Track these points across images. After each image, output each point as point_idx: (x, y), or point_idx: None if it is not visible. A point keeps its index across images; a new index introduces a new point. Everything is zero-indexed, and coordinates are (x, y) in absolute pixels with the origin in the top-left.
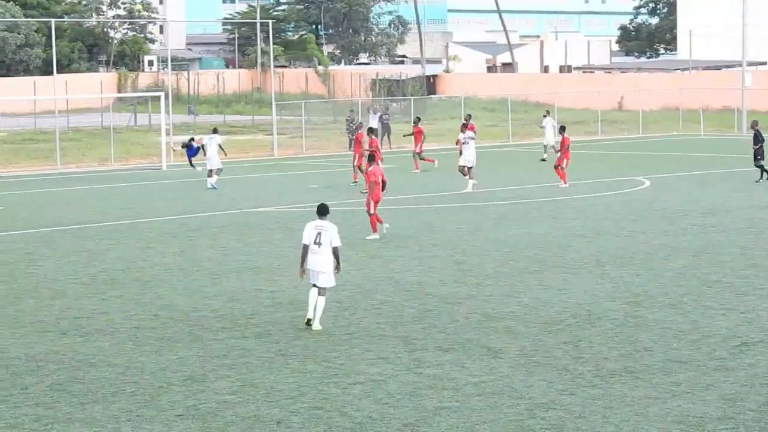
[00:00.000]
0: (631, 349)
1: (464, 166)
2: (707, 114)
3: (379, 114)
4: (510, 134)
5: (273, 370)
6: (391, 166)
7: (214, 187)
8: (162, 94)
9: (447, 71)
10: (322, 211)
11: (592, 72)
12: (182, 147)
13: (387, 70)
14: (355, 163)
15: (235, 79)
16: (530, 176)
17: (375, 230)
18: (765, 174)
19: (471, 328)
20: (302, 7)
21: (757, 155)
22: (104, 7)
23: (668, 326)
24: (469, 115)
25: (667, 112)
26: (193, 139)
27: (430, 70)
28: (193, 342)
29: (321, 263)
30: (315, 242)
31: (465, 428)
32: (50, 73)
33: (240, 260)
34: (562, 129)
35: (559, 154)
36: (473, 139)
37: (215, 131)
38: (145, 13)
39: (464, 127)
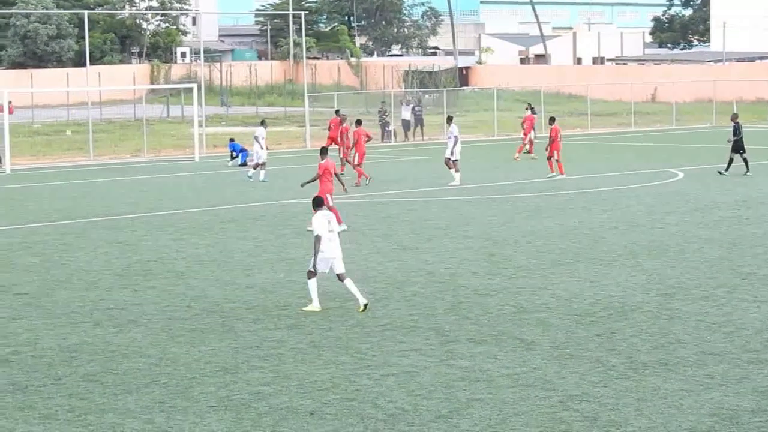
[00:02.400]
0: (665, 341)
1: (450, 159)
2: (741, 105)
3: (411, 106)
4: (543, 126)
5: (306, 361)
6: (424, 158)
7: (263, 180)
8: (195, 85)
9: (479, 63)
10: (320, 202)
11: (625, 64)
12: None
13: (419, 62)
14: (342, 156)
15: (268, 71)
16: (565, 168)
17: (340, 221)
18: (734, 165)
19: (504, 320)
20: None
21: (740, 148)
22: None
23: (702, 318)
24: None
25: (700, 103)
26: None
27: (463, 61)
28: (226, 333)
29: (337, 249)
30: (329, 230)
31: (498, 420)
32: (83, 64)
33: (272, 252)
34: (552, 120)
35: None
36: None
37: (263, 124)
38: (178, 5)
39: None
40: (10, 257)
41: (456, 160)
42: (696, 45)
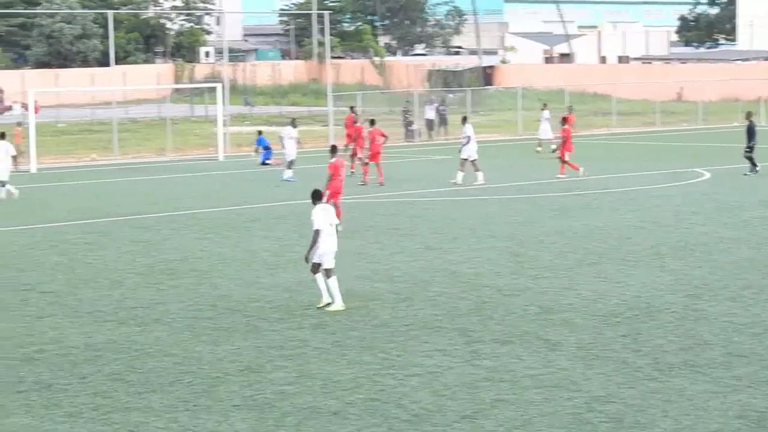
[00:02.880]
0: (691, 342)
1: (469, 159)
2: None
3: (435, 105)
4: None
5: (330, 361)
6: (447, 157)
7: (290, 180)
8: (219, 85)
9: (503, 62)
10: (319, 196)
11: (650, 63)
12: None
13: (443, 61)
14: (351, 154)
15: (292, 71)
16: (588, 168)
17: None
18: (754, 167)
19: (528, 321)
20: None
21: (751, 147)
22: None
23: (729, 319)
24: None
25: (726, 103)
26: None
27: (487, 60)
28: (250, 332)
29: (335, 244)
30: (329, 224)
31: (522, 421)
32: (107, 64)
33: (296, 251)
34: (564, 120)
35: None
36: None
37: (293, 124)
38: (202, 5)
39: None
40: (35, 256)
41: (474, 160)
42: (722, 44)
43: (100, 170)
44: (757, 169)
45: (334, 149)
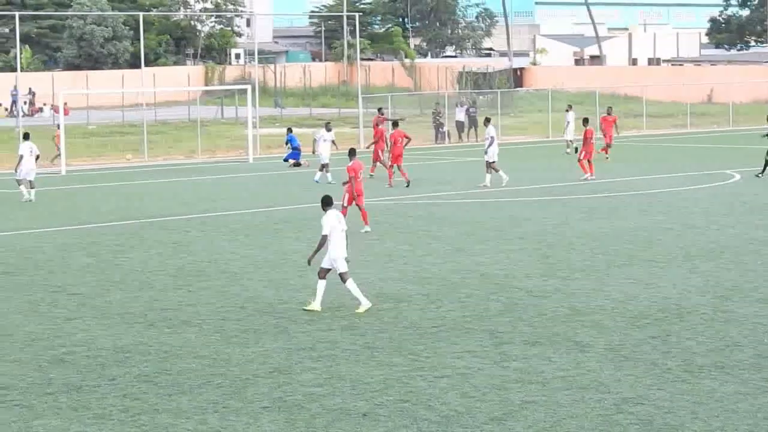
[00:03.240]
0: (721, 344)
1: (489, 162)
2: None
3: (465, 107)
4: (597, 127)
5: (359, 363)
6: (478, 159)
7: (331, 182)
8: (249, 87)
9: (534, 64)
10: (329, 201)
11: (681, 65)
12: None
13: (473, 63)
14: (372, 157)
15: (322, 72)
16: (618, 169)
17: (366, 223)
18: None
19: (558, 322)
20: (389, 0)
21: None
22: (191, 1)
23: (759, 321)
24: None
25: (757, 104)
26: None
27: (517, 62)
28: (279, 334)
29: (343, 248)
30: (341, 229)
31: (552, 423)
32: (138, 66)
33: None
34: (585, 121)
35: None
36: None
37: (327, 127)
38: (232, 7)
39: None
40: (65, 258)
41: (493, 162)
42: (753, 45)
43: (129, 172)
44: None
45: (352, 152)
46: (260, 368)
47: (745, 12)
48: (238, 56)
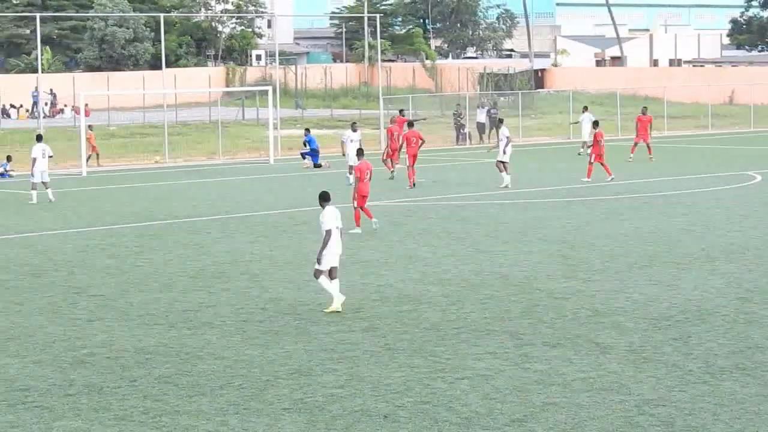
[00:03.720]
0: (743, 345)
1: (502, 162)
2: None
3: (486, 108)
4: (619, 128)
5: (380, 364)
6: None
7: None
8: (270, 88)
9: (555, 65)
10: (327, 197)
11: (702, 66)
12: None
13: (494, 64)
14: (384, 157)
15: (343, 74)
16: (640, 170)
17: (358, 224)
18: None
19: (579, 324)
20: (410, 1)
21: None
22: (212, 2)
23: None
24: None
25: None
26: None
27: (538, 64)
28: (300, 335)
29: (342, 245)
30: (337, 226)
31: (573, 424)
32: (159, 67)
33: (347, 254)
34: (596, 124)
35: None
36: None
37: (354, 128)
38: (253, 8)
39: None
40: (86, 259)
41: (506, 163)
42: None
43: (150, 173)
44: None
45: (360, 152)
46: (281, 369)
47: (766, 13)
48: (258, 57)
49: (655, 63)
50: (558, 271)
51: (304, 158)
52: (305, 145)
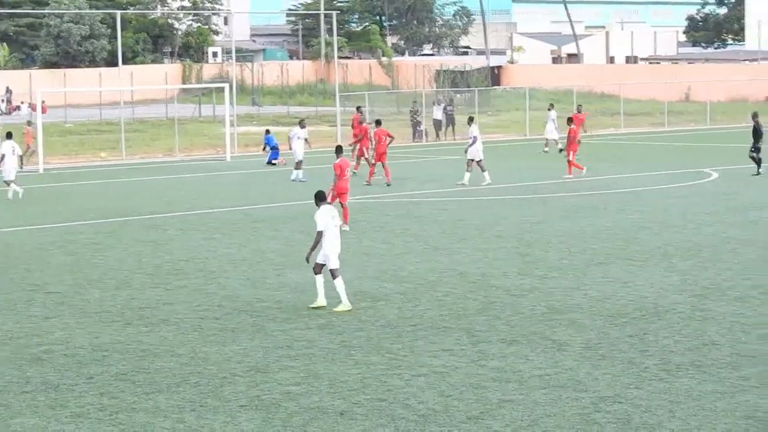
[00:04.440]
0: (699, 342)
1: (474, 160)
2: None
3: (443, 105)
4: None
5: (336, 362)
6: (455, 157)
7: (302, 180)
8: (226, 85)
9: (511, 62)
10: (322, 197)
11: (658, 63)
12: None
13: (451, 62)
14: (357, 154)
15: (299, 71)
16: (596, 168)
17: (346, 221)
18: (760, 166)
19: (535, 321)
20: None
21: (755, 146)
22: None
23: (736, 320)
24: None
25: (734, 103)
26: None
27: (495, 61)
28: (257, 333)
29: (338, 245)
30: (334, 225)
31: (529, 421)
32: (115, 64)
33: (304, 251)
34: (569, 121)
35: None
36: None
37: (301, 124)
38: (210, 5)
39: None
40: (42, 256)
41: (480, 161)
42: (730, 44)
43: (107, 170)
44: (760, 171)
45: (339, 149)
46: (237, 367)
47: (723, 10)
48: (215, 54)
49: (611, 60)
50: (515, 268)
51: (270, 163)
52: (264, 147)
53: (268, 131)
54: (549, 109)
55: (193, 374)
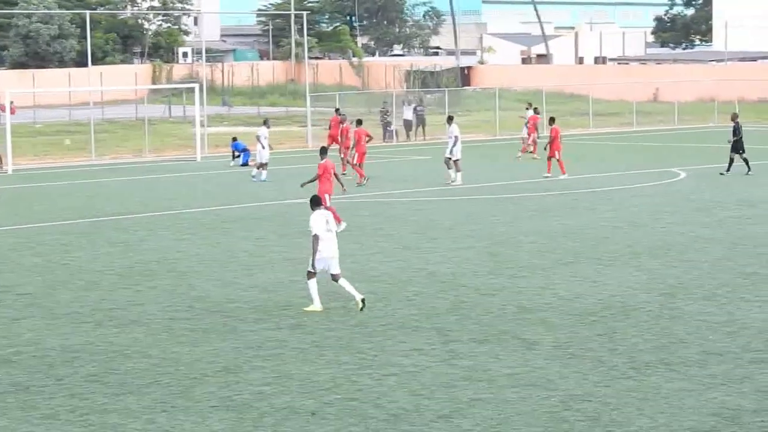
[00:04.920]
0: (667, 341)
1: (451, 159)
2: (743, 105)
3: (413, 106)
4: (545, 126)
5: (307, 361)
6: (426, 158)
7: (264, 180)
8: (196, 85)
9: (481, 63)
10: (318, 202)
11: (627, 63)
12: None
13: (421, 62)
14: (341, 156)
15: (270, 71)
16: (566, 168)
17: (339, 220)
18: (735, 165)
19: (506, 320)
20: None
21: (739, 148)
22: None
23: (704, 318)
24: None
25: (702, 103)
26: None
27: (465, 61)
28: (228, 333)
29: (335, 249)
30: (327, 229)
31: (499, 420)
32: (85, 64)
33: (275, 252)
34: (552, 120)
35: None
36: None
37: (265, 123)
38: (180, 5)
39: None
40: (12, 257)
41: (457, 160)
42: (698, 45)
43: (77, 171)
44: (727, 172)
45: (324, 150)
46: (208, 367)
47: (690, 11)
48: (185, 55)
49: (580, 61)
50: (485, 267)
51: (246, 164)
52: (234, 156)
53: (234, 138)
54: (527, 109)
55: (164, 375)
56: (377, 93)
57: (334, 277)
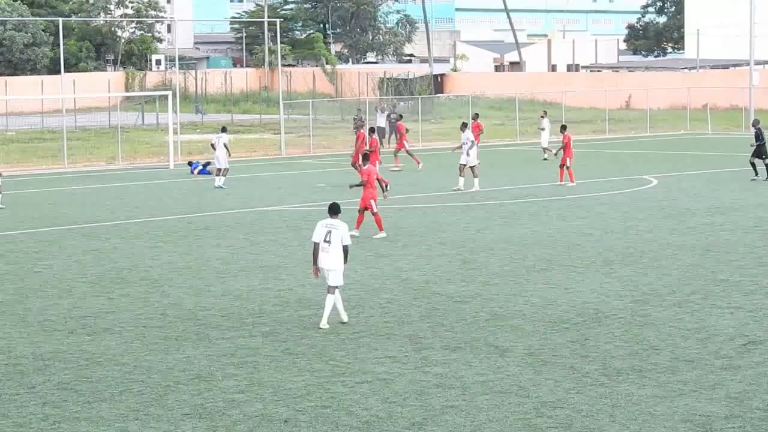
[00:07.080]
0: (638, 347)
1: (466, 165)
2: (715, 113)
3: (386, 113)
4: (518, 133)
5: (280, 369)
6: (399, 164)
7: (222, 187)
8: (170, 93)
9: (454, 70)
10: (335, 209)
11: (599, 71)
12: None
13: (394, 69)
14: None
15: (243, 78)
16: (538, 175)
17: (381, 228)
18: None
19: (478, 327)
20: (310, 6)
21: (761, 154)
22: (112, 6)
23: (675, 325)
24: (476, 114)
25: (674, 111)
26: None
27: (438, 69)
28: (200, 341)
29: (331, 261)
30: (325, 240)
31: (472, 427)
32: (58, 72)
33: (247, 259)
34: (563, 128)
35: (561, 153)
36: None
37: (224, 130)
38: (153, 12)
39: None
40: None
41: (474, 166)
42: (670, 52)
43: (49, 179)
44: (756, 176)
45: (366, 157)
46: (181, 375)
47: (662, 19)
48: (158, 62)
49: (553, 68)
50: (457, 274)
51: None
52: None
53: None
54: (541, 117)
55: (137, 383)
56: (350, 100)
57: (329, 290)
